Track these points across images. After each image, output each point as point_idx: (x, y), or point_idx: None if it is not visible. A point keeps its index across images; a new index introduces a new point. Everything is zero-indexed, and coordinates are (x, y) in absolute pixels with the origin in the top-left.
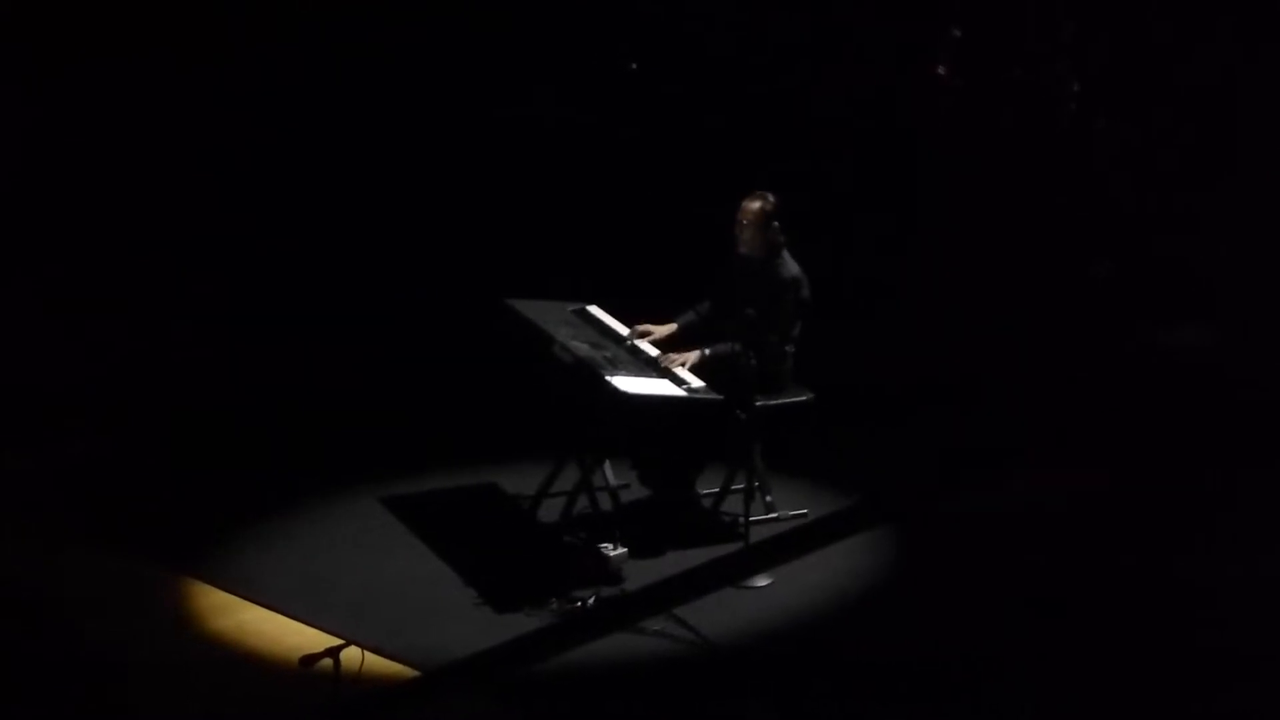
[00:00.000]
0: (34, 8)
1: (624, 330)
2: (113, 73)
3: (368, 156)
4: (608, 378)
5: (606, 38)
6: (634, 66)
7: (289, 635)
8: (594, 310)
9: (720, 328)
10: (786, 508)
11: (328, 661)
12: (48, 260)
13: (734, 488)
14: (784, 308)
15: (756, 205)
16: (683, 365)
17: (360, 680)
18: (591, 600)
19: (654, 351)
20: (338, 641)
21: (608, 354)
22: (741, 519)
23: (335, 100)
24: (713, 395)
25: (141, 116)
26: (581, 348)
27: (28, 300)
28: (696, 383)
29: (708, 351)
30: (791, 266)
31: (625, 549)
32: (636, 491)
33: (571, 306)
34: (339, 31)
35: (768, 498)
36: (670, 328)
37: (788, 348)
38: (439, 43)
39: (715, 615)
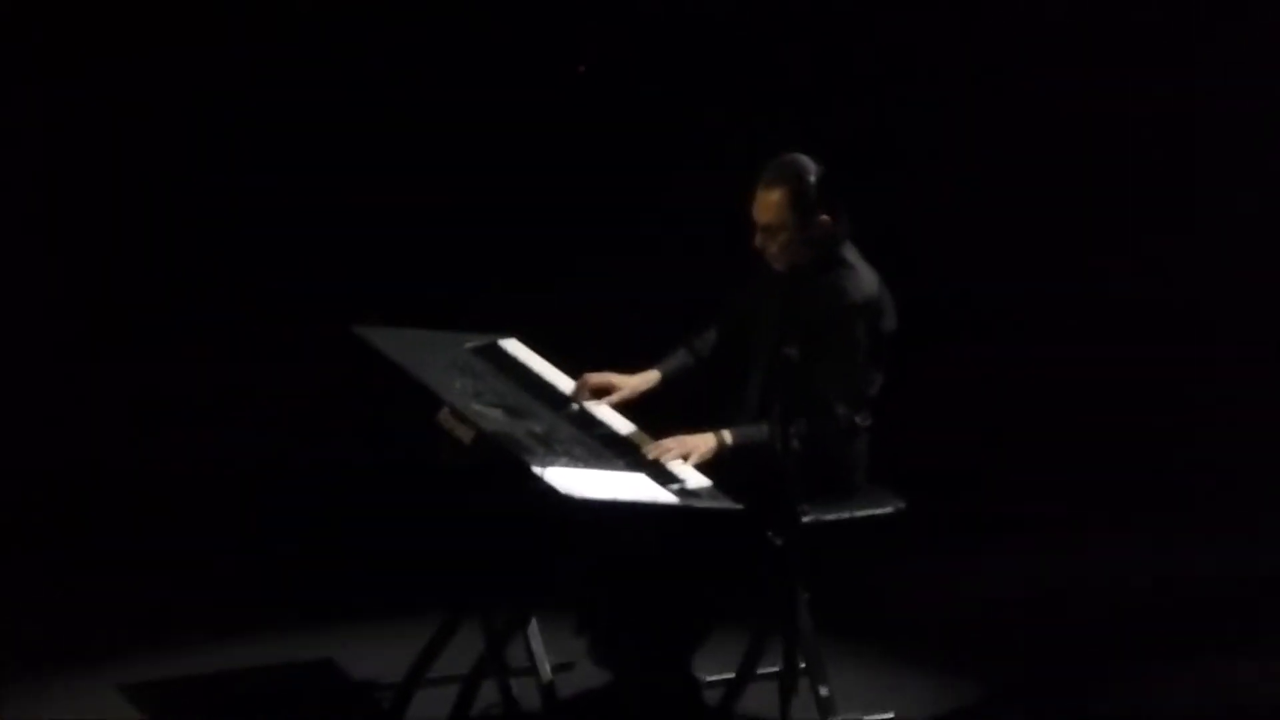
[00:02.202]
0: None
1: (566, 383)
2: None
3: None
4: (536, 469)
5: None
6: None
7: None
8: (511, 347)
9: (734, 378)
10: (856, 708)
11: None
12: None
13: (763, 671)
14: (850, 349)
15: (779, 192)
16: (683, 459)
17: None
18: None
19: (620, 422)
20: None
21: (537, 426)
22: None
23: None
24: (726, 503)
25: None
26: (491, 415)
27: None
28: (696, 480)
29: (730, 439)
30: (864, 278)
31: None
32: (587, 676)
33: (472, 340)
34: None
35: (822, 689)
36: (649, 378)
37: (859, 418)
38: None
39: None
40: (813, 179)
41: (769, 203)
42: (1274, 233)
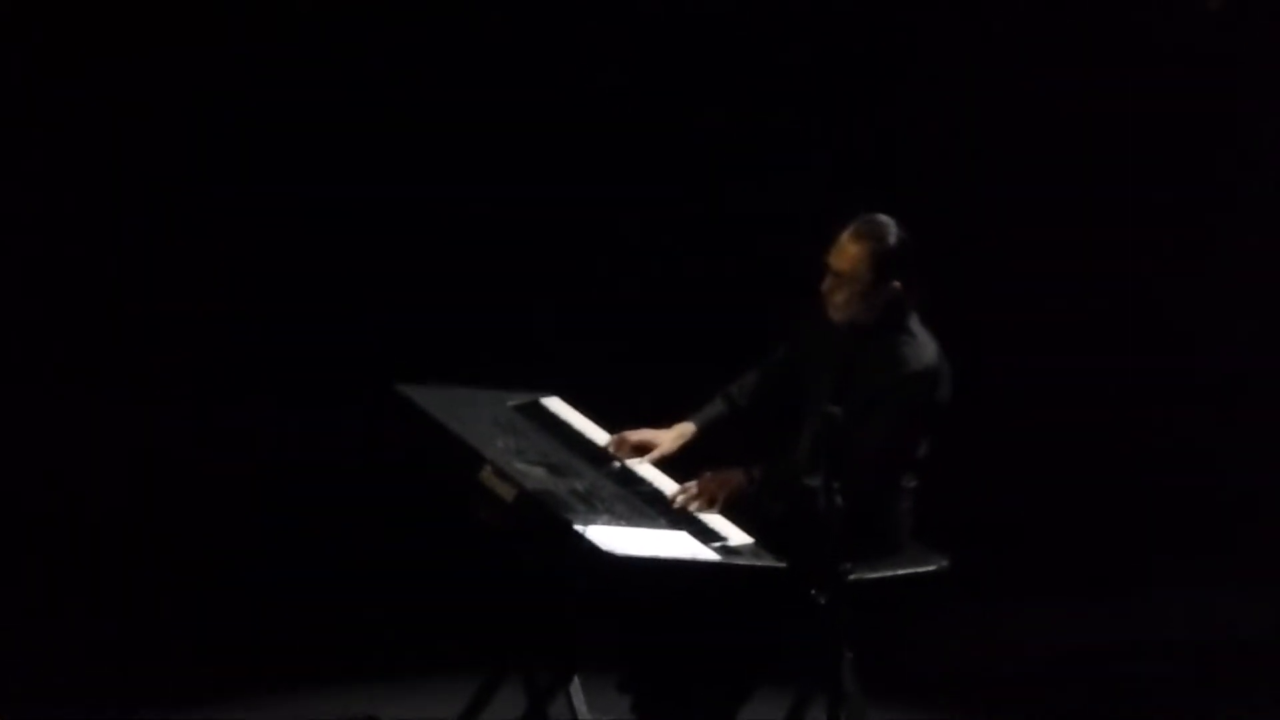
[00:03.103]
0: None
1: (605, 439)
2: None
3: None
4: (578, 527)
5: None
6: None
7: None
8: (552, 405)
9: (773, 433)
10: None
11: None
12: None
13: None
14: (901, 415)
15: (861, 246)
16: (712, 500)
17: None
18: None
19: (661, 480)
20: None
21: (579, 484)
22: None
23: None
24: (768, 560)
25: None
26: (533, 473)
27: None
28: (738, 537)
29: (757, 474)
30: (925, 349)
31: None
32: None
33: (513, 398)
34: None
35: None
36: (684, 431)
37: (906, 480)
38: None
39: None
40: (896, 243)
41: (850, 253)
42: None
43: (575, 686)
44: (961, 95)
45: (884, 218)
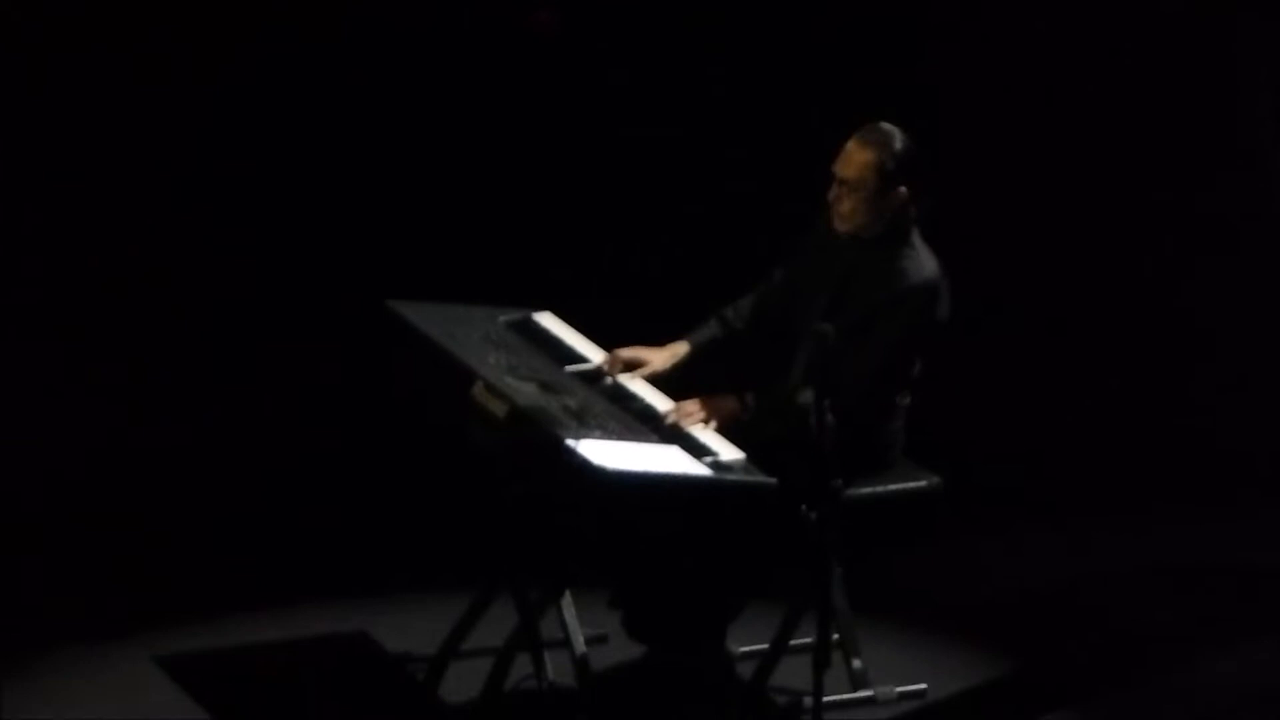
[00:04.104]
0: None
1: (598, 356)
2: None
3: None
4: (569, 441)
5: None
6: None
7: None
8: (545, 320)
9: (769, 354)
10: (889, 681)
11: None
12: None
13: (797, 643)
14: (899, 330)
15: (870, 155)
16: (705, 422)
17: None
18: None
19: (653, 396)
20: None
21: (570, 400)
22: (810, 702)
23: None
24: (759, 476)
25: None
26: (524, 389)
27: None
28: (730, 452)
29: (750, 400)
30: (925, 263)
31: None
32: (620, 649)
33: (506, 314)
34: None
35: (855, 663)
36: (677, 350)
37: (899, 398)
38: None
39: None
40: (903, 150)
41: (856, 159)
42: None
43: (566, 603)
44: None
45: (889, 126)
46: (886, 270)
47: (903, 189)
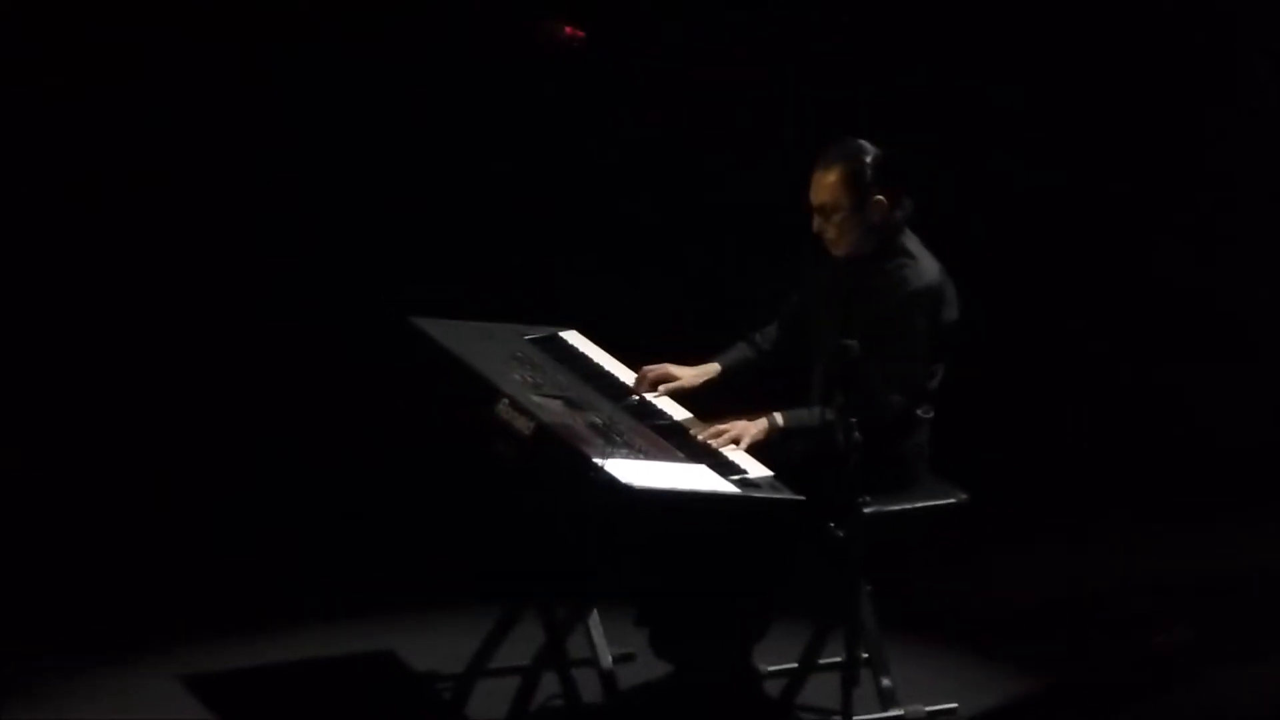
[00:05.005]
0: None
1: (626, 375)
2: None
3: None
4: (597, 460)
5: None
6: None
7: None
8: (571, 339)
9: (797, 373)
10: (918, 699)
11: None
12: None
13: (824, 661)
14: (910, 340)
15: (835, 174)
16: (735, 442)
17: None
18: None
19: (680, 413)
20: None
21: (596, 417)
22: None
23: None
24: (787, 494)
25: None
26: (550, 406)
27: None
28: (757, 470)
29: (781, 421)
30: (925, 267)
31: None
32: (647, 667)
33: (531, 332)
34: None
35: (884, 681)
36: (708, 370)
37: (921, 410)
38: None
39: None
40: (869, 159)
41: (824, 183)
42: None
43: (594, 620)
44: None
45: (847, 138)
46: (887, 283)
47: (879, 197)
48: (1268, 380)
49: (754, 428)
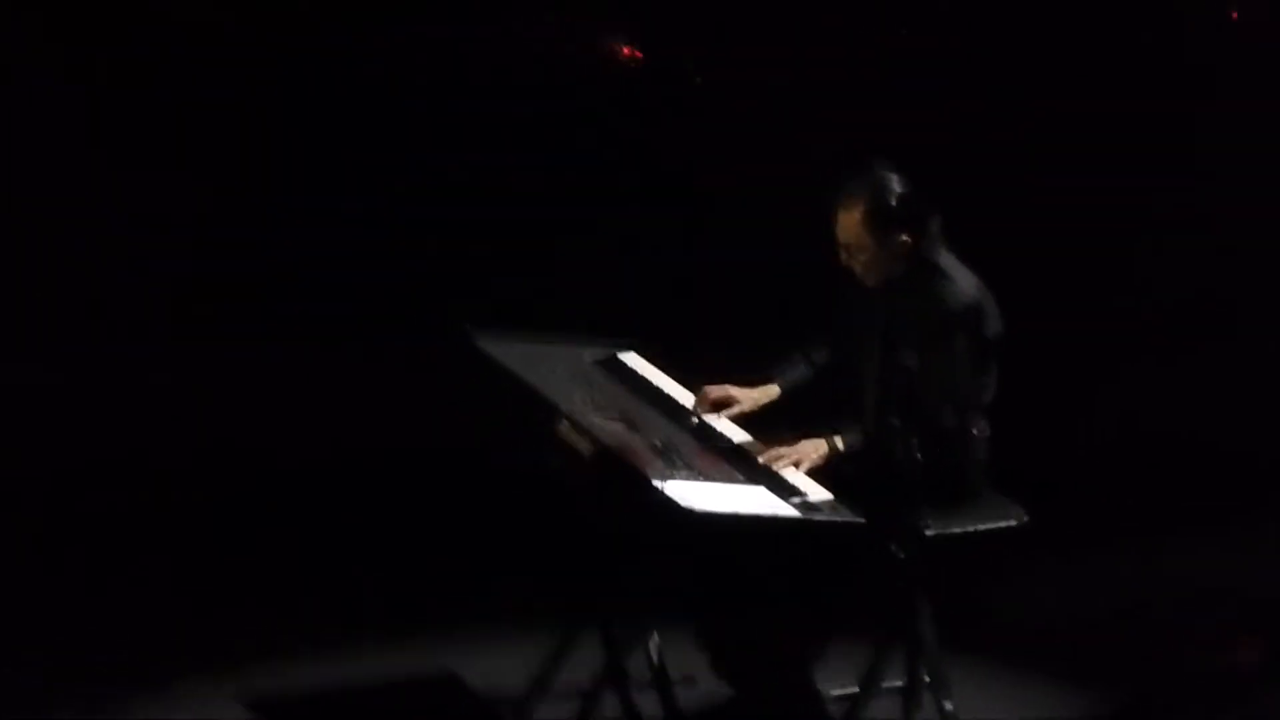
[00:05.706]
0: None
1: (687, 397)
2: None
3: None
4: (657, 482)
5: None
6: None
7: None
8: (631, 360)
9: (851, 389)
10: None
11: None
12: None
13: (887, 685)
14: (955, 358)
15: (855, 214)
16: (796, 464)
17: None
18: None
19: (740, 435)
20: None
21: (657, 439)
22: None
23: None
24: (847, 515)
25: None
26: (610, 427)
27: None
28: (817, 493)
29: (841, 444)
30: (962, 285)
31: None
32: (709, 690)
33: (593, 353)
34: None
35: (947, 704)
36: (768, 394)
37: (976, 428)
38: None
39: None
40: (892, 199)
41: (846, 224)
42: None
43: (653, 642)
44: None
45: (870, 171)
46: (925, 306)
47: (904, 238)
48: None
49: (815, 452)
